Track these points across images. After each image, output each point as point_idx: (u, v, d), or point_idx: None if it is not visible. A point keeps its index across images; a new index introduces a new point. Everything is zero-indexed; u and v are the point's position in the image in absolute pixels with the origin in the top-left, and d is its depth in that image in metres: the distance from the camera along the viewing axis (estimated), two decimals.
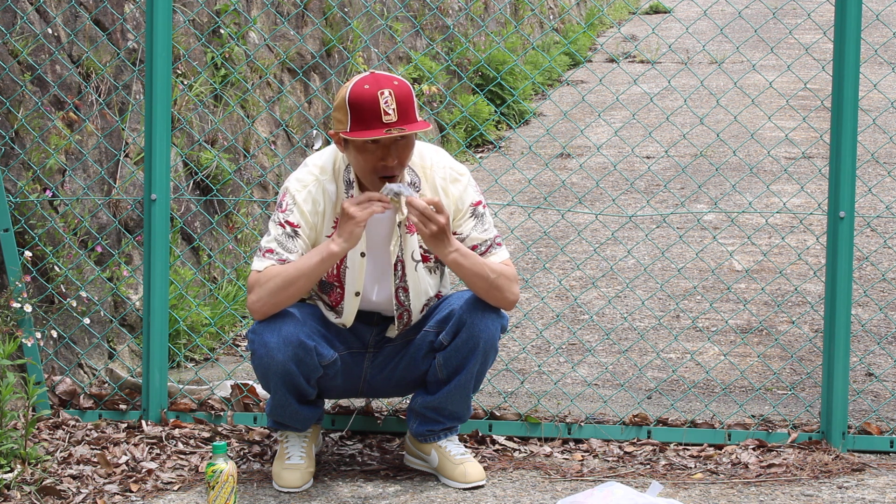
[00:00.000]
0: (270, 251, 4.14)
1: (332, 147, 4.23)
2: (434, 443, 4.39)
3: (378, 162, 4.06)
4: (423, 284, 4.25)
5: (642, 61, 12.00)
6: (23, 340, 4.66)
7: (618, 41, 13.87)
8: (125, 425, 4.74)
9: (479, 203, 4.25)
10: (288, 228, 4.15)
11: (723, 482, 4.37)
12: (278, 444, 4.44)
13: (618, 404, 4.95)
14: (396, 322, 4.29)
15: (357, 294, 4.23)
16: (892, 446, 4.63)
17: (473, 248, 4.24)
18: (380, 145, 4.05)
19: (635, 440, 4.70)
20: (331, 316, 4.29)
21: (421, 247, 4.23)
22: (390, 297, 4.26)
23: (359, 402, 4.84)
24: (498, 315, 4.24)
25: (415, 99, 4.07)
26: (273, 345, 4.13)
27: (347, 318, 4.26)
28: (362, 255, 4.20)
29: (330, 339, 4.27)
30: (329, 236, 4.17)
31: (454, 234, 4.24)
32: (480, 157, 9.12)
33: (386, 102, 4.00)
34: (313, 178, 4.18)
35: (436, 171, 4.21)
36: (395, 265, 4.23)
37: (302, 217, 4.15)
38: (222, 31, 6.74)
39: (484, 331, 4.20)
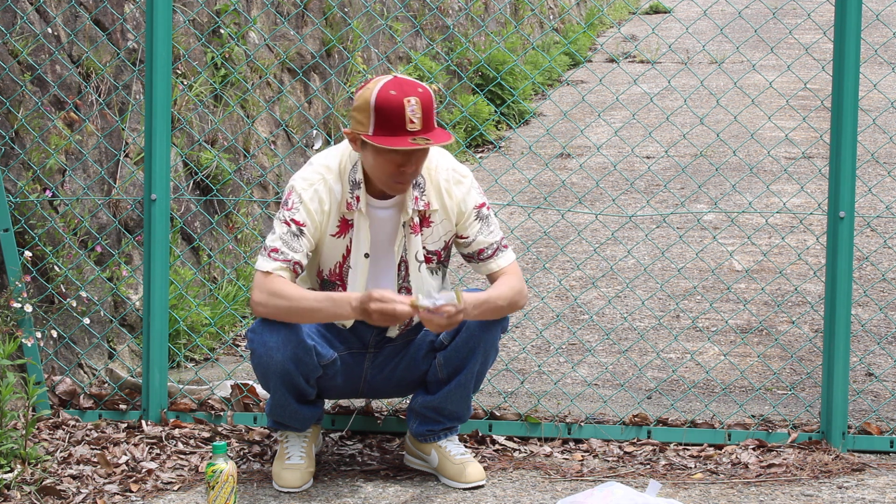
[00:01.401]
0: (276, 250, 4.12)
1: (339, 146, 4.22)
2: (434, 443, 4.39)
3: (397, 168, 4.05)
4: (425, 285, 4.25)
5: (642, 61, 12.00)
6: (23, 340, 4.66)
7: (618, 41, 13.87)
8: (125, 425, 4.74)
9: (482, 205, 4.25)
10: (293, 227, 4.14)
11: (723, 482, 4.37)
12: (278, 444, 4.44)
13: (618, 404, 4.95)
14: (402, 324, 4.29)
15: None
16: (892, 446, 4.63)
17: (480, 251, 4.25)
18: (401, 153, 4.04)
19: (635, 440, 4.70)
20: None
21: (424, 247, 4.23)
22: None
23: (359, 402, 4.84)
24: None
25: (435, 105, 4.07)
26: (272, 344, 4.13)
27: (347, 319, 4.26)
28: (366, 255, 4.19)
29: (329, 339, 4.27)
30: (333, 235, 4.16)
31: (461, 237, 4.25)
32: (480, 157, 9.12)
33: (412, 111, 3.99)
34: (319, 177, 4.16)
35: (439, 172, 4.21)
36: (399, 265, 4.22)
37: (308, 215, 4.14)
38: (222, 31, 6.74)
39: (485, 331, 4.21)
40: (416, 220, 4.16)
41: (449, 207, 4.20)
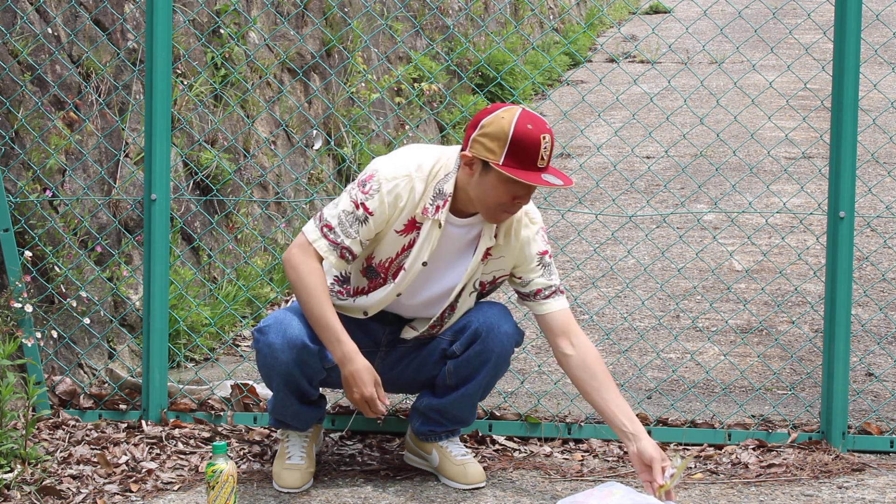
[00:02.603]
0: (329, 227, 4.06)
1: (437, 149, 4.15)
2: (435, 442, 4.39)
3: (512, 199, 4.02)
4: (465, 307, 4.25)
5: (642, 61, 12.00)
6: (23, 340, 4.66)
7: (618, 41, 13.87)
8: (125, 425, 4.74)
9: (545, 252, 4.23)
10: (360, 211, 4.06)
11: (723, 482, 4.37)
12: (279, 443, 4.44)
13: None
14: (427, 330, 4.27)
15: (398, 295, 4.21)
16: (892, 446, 4.63)
17: (537, 291, 4.23)
18: (526, 186, 4.02)
19: None
20: (350, 300, 4.24)
21: (480, 281, 4.23)
22: (429, 307, 4.22)
23: None
24: (514, 331, 4.23)
25: None
26: (277, 346, 4.12)
27: (374, 307, 4.22)
28: (424, 264, 4.16)
29: None
30: (398, 231, 4.11)
31: (518, 278, 4.23)
32: None
33: (545, 148, 3.98)
34: (406, 175, 4.07)
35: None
36: (463, 286, 4.21)
37: (380, 206, 4.06)
38: (222, 31, 6.74)
39: (498, 346, 4.19)
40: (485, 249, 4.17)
41: (513, 247, 4.19)
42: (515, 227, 4.18)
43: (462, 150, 4.05)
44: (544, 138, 3.97)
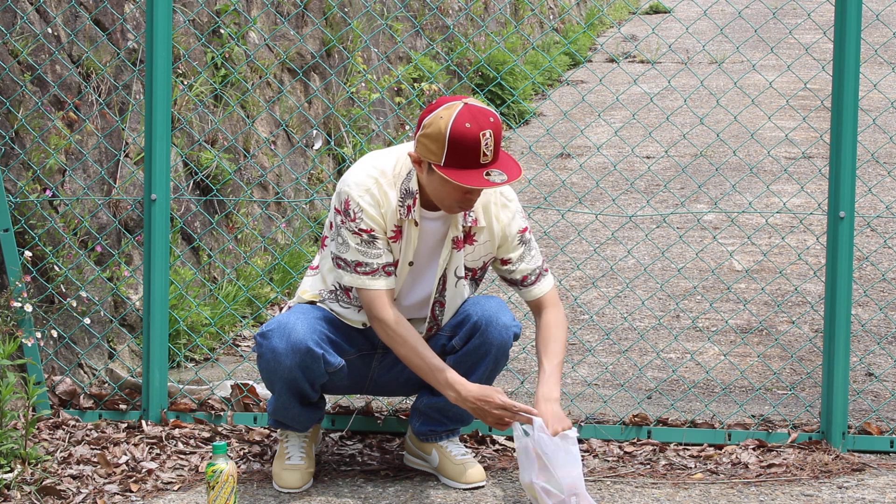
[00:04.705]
0: (359, 264, 4.10)
1: (392, 151, 4.17)
2: (435, 442, 4.39)
3: (464, 195, 4.04)
4: (457, 299, 4.25)
5: (642, 61, 12.00)
6: (23, 340, 4.66)
7: (618, 41, 13.88)
8: (125, 425, 4.74)
9: (525, 229, 4.25)
10: (365, 235, 4.09)
11: (723, 482, 4.37)
12: (278, 443, 4.44)
13: (618, 404, 4.95)
14: (424, 334, 4.27)
15: (394, 299, 4.21)
16: (892, 446, 4.63)
17: (524, 278, 4.28)
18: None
19: (635, 440, 4.70)
20: (354, 310, 4.26)
21: (464, 264, 4.22)
22: (423, 307, 4.23)
23: (359, 402, 4.84)
24: (512, 323, 4.24)
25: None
26: (281, 350, 4.11)
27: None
28: (410, 264, 4.18)
29: (339, 343, 4.22)
30: (390, 238, 4.14)
31: (504, 262, 4.27)
32: None
33: (486, 144, 3.96)
34: (373, 181, 4.10)
35: (489, 195, 4.20)
36: (439, 278, 4.21)
37: (372, 220, 4.08)
38: (222, 31, 6.74)
39: (497, 338, 4.20)
40: (461, 236, 4.16)
41: (495, 230, 4.20)
42: (494, 210, 4.20)
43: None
44: (484, 135, 3.95)
